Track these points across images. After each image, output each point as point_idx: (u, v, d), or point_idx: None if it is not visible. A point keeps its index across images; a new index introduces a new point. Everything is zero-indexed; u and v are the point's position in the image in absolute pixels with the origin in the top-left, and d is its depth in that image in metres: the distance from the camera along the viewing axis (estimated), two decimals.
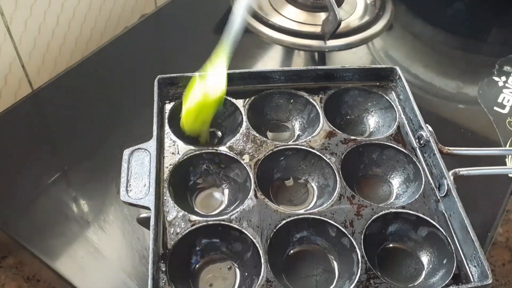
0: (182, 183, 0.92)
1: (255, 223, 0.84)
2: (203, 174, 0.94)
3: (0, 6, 1.11)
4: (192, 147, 0.93)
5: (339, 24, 1.29)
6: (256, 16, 1.42)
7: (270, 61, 1.34)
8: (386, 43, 1.43)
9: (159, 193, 0.86)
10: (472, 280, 0.81)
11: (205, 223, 0.83)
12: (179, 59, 1.31)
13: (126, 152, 0.89)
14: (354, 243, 0.83)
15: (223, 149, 0.94)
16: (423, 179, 0.93)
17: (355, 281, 0.79)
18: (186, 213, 0.84)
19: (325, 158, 0.94)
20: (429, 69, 1.36)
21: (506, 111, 1.23)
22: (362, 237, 0.84)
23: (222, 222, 0.84)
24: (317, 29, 1.38)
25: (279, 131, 1.04)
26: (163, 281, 0.77)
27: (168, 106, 0.99)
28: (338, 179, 0.91)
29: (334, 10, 1.28)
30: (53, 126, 1.17)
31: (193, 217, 0.84)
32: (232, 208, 0.89)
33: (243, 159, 0.92)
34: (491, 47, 1.49)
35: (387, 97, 1.05)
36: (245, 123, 0.98)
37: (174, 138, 0.94)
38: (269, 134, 1.03)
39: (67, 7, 1.27)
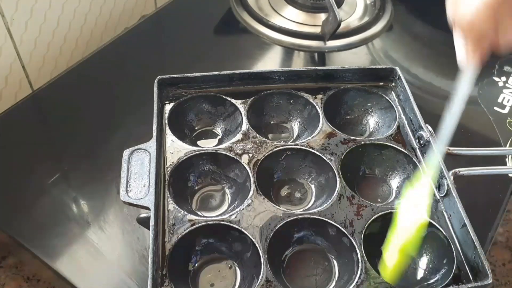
0: (182, 183, 0.92)
1: (254, 223, 0.84)
2: (203, 174, 0.95)
3: (1, 8, 1.12)
4: (191, 148, 0.94)
5: (339, 25, 1.29)
6: (256, 17, 1.42)
7: (270, 61, 1.35)
8: (386, 44, 1.43)
9: (159, 193, 0.86)
10: (472, 280, 0.81)
11: (205, 223, 0.84)
12: (179, 59, 1.31)
13: (126, 153, 0.89)
14: (354, 243, 0.83)
15: (223, 149, 0.94)
16: None
17: (355, 281, 0.79)
18: (185, 213, 0.85)
19: (325, 158, 0.94)
20: (429, 69, 1.36)
21: (506, 111, 1.23)
22: (362, 237, 0.84)
23: (222, 222, 0.84)
24: (317, 30, 1.38)
25: (279, 131, 1.05)
26: (163, 281, 0.77)
27: (168, 107, 0.99)
28: (338, 179, 0.91)
29: (334, 11, 1.28)
30: (53, 126, 1.17)
31: (193, 217, 0.84)
32: (232, 208, 0.90)
33: (243, 160, 0.92)
34: None
35: (387, 97, 1.05)
36: (245, 124, 0.98)
37: (174, 138, 0.95)
38: (269, 134, 1.03)
39: (67, 8, 1.27)
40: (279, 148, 0.95)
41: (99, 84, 1.23)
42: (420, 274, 0.86)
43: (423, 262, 0.87)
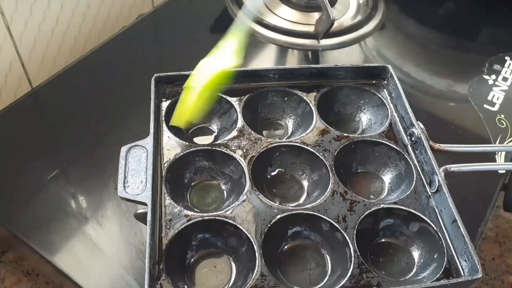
0: (178, 179, 0.93)
1: (249, 219, 0.85)
2: (199, 171, 0.95)
3: (1, 6, 1.12)
4: (188, 144, 0.95)
5: (332, 24, 1.30)
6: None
7: (264, 59, 1.35)
8: (378, 42, 1.44)
9: (156, 189, 0.87)
10: (462, 274, 0.82)
11: (200, 219, 0.85)
12: (176, 58, 1.32)
13: (124, 149, 0.90)
14: (347, 238, 0.84)
15: (218, 146, 0.95)
16: (415, 175, 0.94)
17: (348, 275, 0.80)
18: (182, 208, 0.85)
19: (318, 154, 0.95)
20: (420, 67, 1.37)
21: (496, 108, 1.24)
22: (355, 232, 0.85)
23: (218, 218, 0.85)
24: (311, 29, 1.39)
25: (274, 128, 1.06)
26: (160, 275, 0.78)
27: (165, 104, 1.00)
28: (331, 175, 0.92)
29: (327, 10, 1.29)
30: (52, 123, 1.18)
31: (189, 213, 0.85)
32: (227, 203, 0.90)
33: (238, 156, 0.93)
34: (481, 46, 1.50)
35: (379, 95, 1.06)
36: (240, 121, 0.99)
37: (170, 135, 0.96)
38: (264, 131, 1.04)
39: (66, 7, 1.28)
40: (273, 145, 0.96)
41: (97, 82, 1.24)
42: (411, 268, 0.87)
43: (414, 257, 0.88)
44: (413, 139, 0.98)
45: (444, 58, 1.44)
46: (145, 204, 0.83)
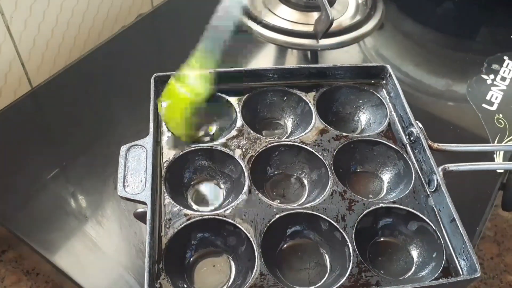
0: (177, 178, 0.93)
1: (249, 218, 0.85)
2: (198, 170, 0.95)
3: (0, 6, 1.13)
4: (187, 144, 0.95)
5: (331, 23, 1.30)
6: (250, 15, 1.43)
7: (263, 59, 1.35)
8: (377, 42, 1.45)
9: (155, 188, 0.87)
10: (461, 273, 0.82)
11: (200, 218, 0.85)
12: (175, 57, 1.31)
13: (123, 149, 0.90)
14: (346, 237, 0.84)
15: (218, 145, 0.95)
16: (413, 175, 0.94)
17: (347, 274, 0.80)
18: (181, 208, 0.86)
19: (317, 154, 0.95)
20: (419, 67, 1.37)
21: (494, 108, 1.24)
22: (354, 231, 0.85)
23: (217, 217, 0.85)
24: (310, 28, 1.39)
25: (273, 128, 1.06)
26: (159, 274, 0.78)
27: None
28: (330, 174, 0.92)
29: (326, 10, 1.29)
30: (51, 123, 1.18)
31: (189, 212, 0.85)
32: (226, 203, 0.90)
33: (238, 155, 0.93)
34: (479, 46, 1.50)
35: (378, 95, 1.06)
36: (239, 120, 1.00)
37: (170, 134, 0.96)
38: (263, 131, 1.04)
39: (66, 7, 1.28)
40: (272, 144, 0.96)
41: (97, 82, 1.25)
42: (410, 267, 0.87)
43: (413, 256, 0.88)
44: (411, 138, 0.98)
45: (442, 57, 1.44)
46: (144, 203, 0.83)
